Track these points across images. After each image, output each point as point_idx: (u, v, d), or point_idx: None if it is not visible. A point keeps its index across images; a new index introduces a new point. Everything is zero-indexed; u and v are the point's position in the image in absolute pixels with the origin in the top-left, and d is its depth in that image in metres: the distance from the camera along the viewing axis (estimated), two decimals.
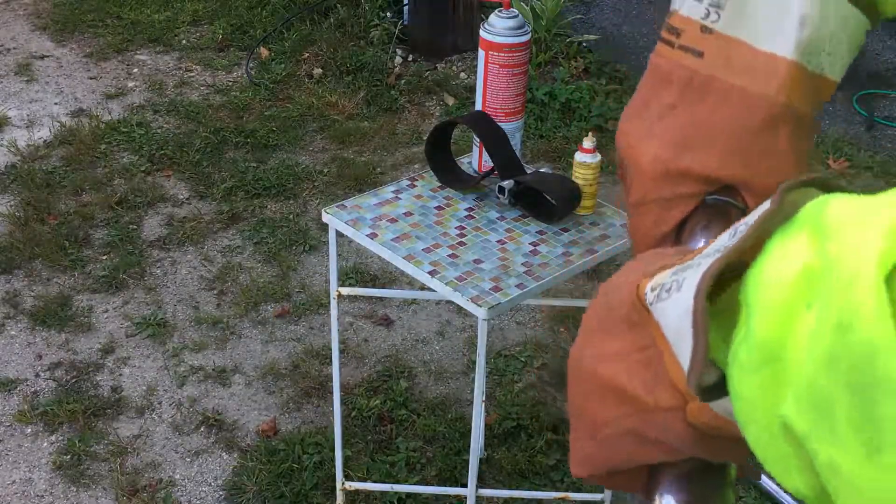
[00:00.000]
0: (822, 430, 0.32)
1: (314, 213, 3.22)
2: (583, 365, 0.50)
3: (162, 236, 3.12)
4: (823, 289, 0.32)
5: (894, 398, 0.29)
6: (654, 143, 0.61)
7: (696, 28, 0.58)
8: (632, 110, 0.63)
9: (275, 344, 2.68)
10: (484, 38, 1.69)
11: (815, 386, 0.32)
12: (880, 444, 0.30)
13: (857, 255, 0.31)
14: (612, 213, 1.73)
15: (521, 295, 1.53)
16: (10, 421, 2.42)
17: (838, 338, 0.31)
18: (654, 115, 0.61)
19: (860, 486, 0.31)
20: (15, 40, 4.47)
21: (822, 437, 0.32)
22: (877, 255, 0.30)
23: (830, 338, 0.31)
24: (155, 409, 2.47)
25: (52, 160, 3.51)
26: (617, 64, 4.29)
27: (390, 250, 1.61)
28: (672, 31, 0.59)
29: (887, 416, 0.29)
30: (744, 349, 0.37)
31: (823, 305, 0.32)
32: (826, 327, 0.31)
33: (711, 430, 0.44)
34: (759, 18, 0.55)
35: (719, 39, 0.57)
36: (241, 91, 4.04)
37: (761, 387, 0.36)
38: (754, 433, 0.37)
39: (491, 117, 1.72)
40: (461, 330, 2.75)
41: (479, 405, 1.71)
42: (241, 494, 2.22)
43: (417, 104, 3.98)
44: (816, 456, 0.33)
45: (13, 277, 2.91)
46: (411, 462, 2.31)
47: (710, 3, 0.57)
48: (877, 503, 0.31)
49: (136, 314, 2.78)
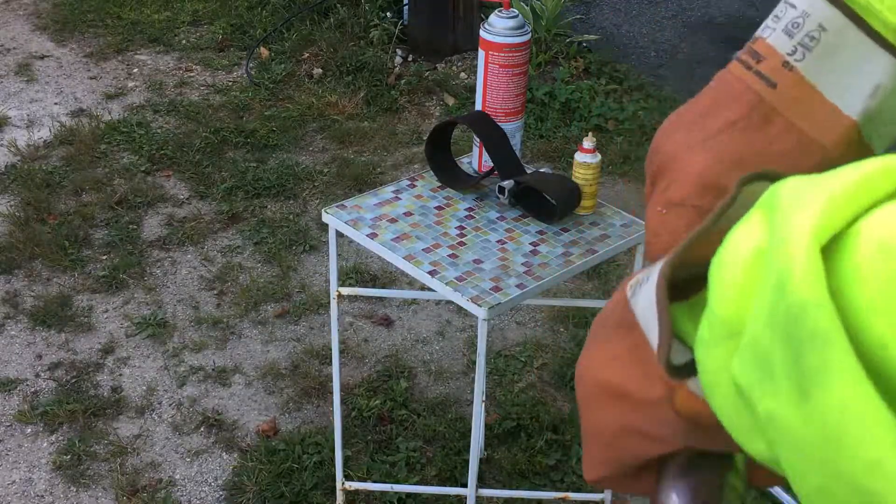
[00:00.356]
0: (763, 383, 0.35)
1: (314, 213, 3.22)
2: (585, 375, 0.52)
3: (162, 236, 3.12)
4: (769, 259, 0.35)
5: (819, 348, 0.32)
6: (708, 155, 0.62)
7: (778, 60, 0.59)
8: (685, 118, 0.64)
9: (275, 344, 2.68)
10: (484, 38, 1.69)
11: (758, 343, 0.35)
12: (808, 390, 0.32)
13: (794, 223, 0.34)
14: (612, 213, 1.73)
15: (521, 295, 1.53)
16: (10, 421, 2.42)
17: (776, 297, 0.34)
18: (712, 127, 0.62)
19: (793, 433, 0.33)
20: (15, 40, 4.47)
21: (763, 389, 0.35)
22: (812, 221, 0.34)
23: (770, 297, 0.34)
24: (155, 409, 2.47)
25: (52, 160, 3.52)
26: (617, 64, 4.29)
27: (390, 250, 1.61)
28: (753, 55, 0.60)
29: (813, 366, 0.32)
30: (705, 325, 0.40)
31: (767, 271, 0.35)
32: (767, 289, 0.35)
33: (701, 417, 0.45)
34: (839, 72, 0.56)
35: (797, 78, 0.58)
36: (241, 91, 4.04)
37: (722, 358, 0.38)
38: (718, 402, 0.40)
39: (491, 117, 1.72)
40: (461, 330, 2.75)
41: (479, 405, 1.71)
42: (241, 494, 2.22)
43: (417, 104, 3.98)
44: (757, 410, 0.35)
45: (13, 277, 2.91)
46: (411, 462, 2.31)
47: (800, 42, 0.58)
48: (807, 448, 0.33)
49: (136, 314, 2.78)
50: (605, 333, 0.51)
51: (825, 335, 0.32)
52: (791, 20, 0.57)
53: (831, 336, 0.32)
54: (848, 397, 0.31)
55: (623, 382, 0.49)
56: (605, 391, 0.50)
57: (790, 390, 0.33)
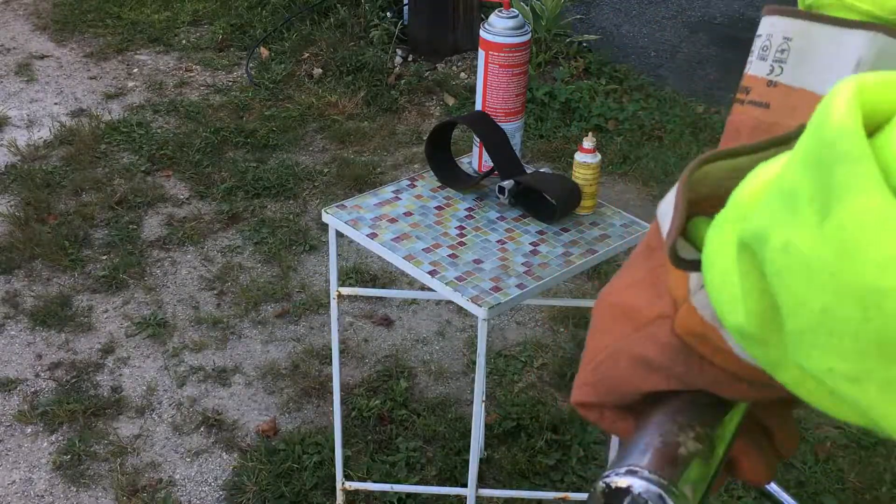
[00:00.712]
0: (784, 216, 0.36)
1: (314, 213, 3.22)
2: (601, 299, 0.54)
3: (162, 236, 3.12)
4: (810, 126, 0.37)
5: (847, 166, 0.33)
6: None
7: (762, 84, 0.61)
8: None
9: (275, 344, 2.68)
10: (484, 38, 1.69)
11: (786, 181, 0.36)
12: (829, 207, 0.34)
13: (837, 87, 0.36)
14: (612, 213, 1.73)
15: (521, 295, 1.53)
16: (10, 421, 2.42)
17: (814, 135, 0.35)
18: None
19: (806, 255, 0.34)
20: (15, 40, 4.47)
21: (783, 222, 0.36)
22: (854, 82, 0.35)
23: (808, 140, 0.36)
24: (155, 409, 2.47)
25: (52, 160, 3.52)
26: (617, 64, 4.29)
27: (390, 250, 1.61)
28: (743, 91, 0.63)
29: (839, 183, 0.33)
30: (722, 211, 0.41)
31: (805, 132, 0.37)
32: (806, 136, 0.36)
33: (697, 340, 0.46)
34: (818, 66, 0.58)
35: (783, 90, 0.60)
36: (241, 91, 4.04)
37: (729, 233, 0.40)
38: (712, 275, 0.41)
39: (491, 117, 1.72)
40: (461, 330, 2.75)
41: (479, 405, 1.71)
42: (241, 494, 2.22)
43: (417, 104, 3.98)
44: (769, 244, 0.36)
45: (13, 277, 2.91)
46: (411, 462, 2.31)
47: (773, 59, 0.60)
48: (818, 267, 0.34)
49: (136, 314, 2.78)
50: (632, 261, 0.52)
51: (855, 156, 0.33)
52: (760, 47, 0.59)
53: (860, 157, 0.33)
54: (869, 203, 0.33)
55: (634, 302, 0.50)
56: (615, 311, 0.51)
57: (811, 215, 0.34)
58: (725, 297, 0.40)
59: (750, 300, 0.39)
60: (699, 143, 3.72)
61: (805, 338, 0.35)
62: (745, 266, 0.39)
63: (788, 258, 0.35)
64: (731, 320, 0.40)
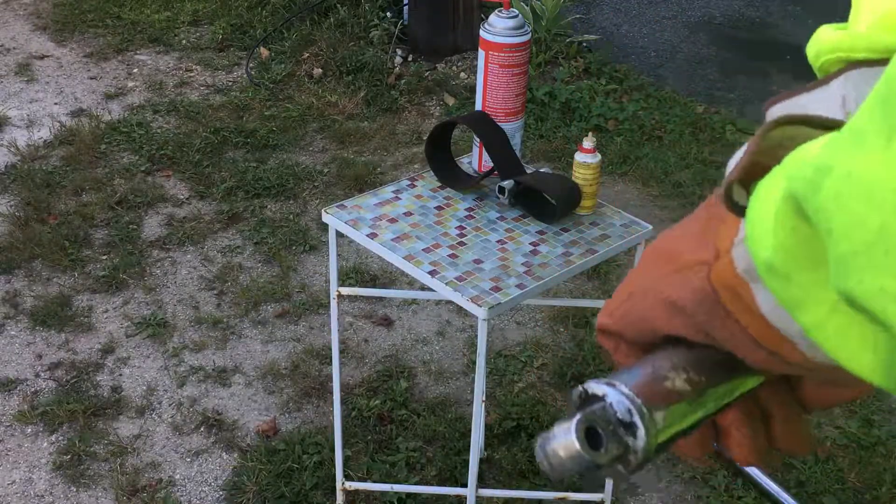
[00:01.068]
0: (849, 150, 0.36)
1: (314, 213, 3.22)
2: (651, 245, 0.54)
3: (162, 236, 3.12)
4: None
5: None
6: None
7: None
8: None
9: (275, 344, 2.68)
10: (484, 38, 1.69)
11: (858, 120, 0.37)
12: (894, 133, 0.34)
13: None
14: (612, 213, 1.73)
15: (521, 295, 1.53)
16: (10, 421, 2.42)
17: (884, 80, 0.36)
18: None
19: (868, 178, 0.35)
20: (15, 40, 4.47)
21: (848, 154, 0.36)
22: None
23: (879, 86, 0.36)
24: (155, 409, 2.47)
25: (52, 160, 3.52)
26: (617, 64, 4.29)
27: (390, 250, 1.61)
28: None
29: None
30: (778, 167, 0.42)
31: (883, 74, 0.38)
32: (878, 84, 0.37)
33: (727, 293, 0.46)
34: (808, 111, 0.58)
35: None
36: (241, 91, 4.04)
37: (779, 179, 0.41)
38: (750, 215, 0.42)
39: (491, 117, 1.72)
40: (461, 330, 2.75)
41: (479, 405, 1.71)
42: (241, 494, 2.22)
43: (417, 104, 3.98)
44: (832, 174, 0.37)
45: (13, 277, 2.91)
46: (411, 462, 2.31)
47: None
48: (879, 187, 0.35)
49: (136, 314, 2.78)
50: (688, 217, 0.53)
51: None
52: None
53: None
54: None
55: (678, 247, 0.50)
56: (658, 253, 0.52)
57: (876, 141, 0.35)
58: (757, 232, 0.41)
59: (780, 233, 0.40)
60: (699, 143, 3.72)
61: (857, 260, 0.35)
62: (785, 208, 0.40)
63: (850, 182, 0.36)
64: (760, 254, 0.41)
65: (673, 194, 3.40)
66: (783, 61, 4.51)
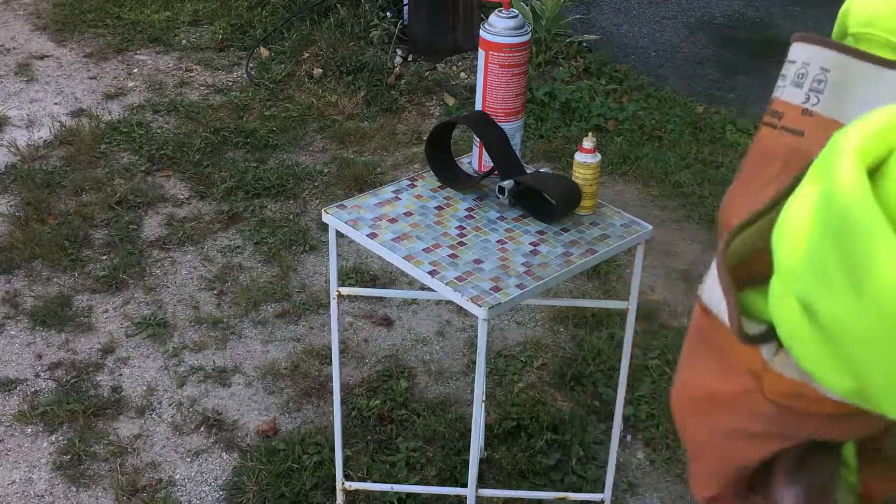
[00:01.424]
0: (821, 288, 0.37)
1: (314, 213, 3.22)
2: (678, 398, 0.56)
3: (162, 236, 3.12)
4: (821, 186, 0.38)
5: (865, 239, 0.35)
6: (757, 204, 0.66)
7: (797, 111, 0.62)
8: (736, 190, 0.69)
9: (275, 344, 2.68)
10: (484, 38, 1.69)
11: (814, 252, 0.38)
12: (860, 282, 0.35)
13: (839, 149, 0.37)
14: (612, 213, 1.73)
15: (521, 295, 1.53)
16: (10, 421, 2.42)
17: (825, 206, 0.37)
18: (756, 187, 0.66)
19: (855, 327, 0.36)
20: (15, 40, 4.47)
21: (823, 294, 0.37)
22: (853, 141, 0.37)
23: (820, 209, 0.37)
24: (155, 409, 2.47)
25: (52, 160, 3.52)
26: (617, 64, 4.29)
27: (390, 250, 1.61)
28: (774, 115, 0.64)
29: (862, 253, 0.35)
30: (775, 281, 0.42)
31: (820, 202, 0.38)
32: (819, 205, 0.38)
33: (792, 400, 0.47)
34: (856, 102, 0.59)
35: (819, 120, 0.61)
36: (241, 91, 4.04)
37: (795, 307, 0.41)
38: (798, 347, 0.42)
39: (491, 117, 1.72)
40: (461, 330, 2.75)
41: (479, 405, 1.71)
42: (241, 494, 2.22)
43: (417, 104, 3.98)
44: (820, 316, 0.37)
45: (13, 277, 2.91)
46: (411, 462, 2.31)
47: (810, 88, 0.61)
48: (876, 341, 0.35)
49: (136, 314, 2.78)
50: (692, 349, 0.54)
51: (869, 228, 0.34)
52: (795, 73, 0.60)
53: (874, 228, 0.34)
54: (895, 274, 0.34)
55: (708, 385, 0.51)
56: (697, 403, 0.53)
57: (845, 288, 0.36)
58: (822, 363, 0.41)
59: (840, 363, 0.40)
60: (699, 143, 3.72)
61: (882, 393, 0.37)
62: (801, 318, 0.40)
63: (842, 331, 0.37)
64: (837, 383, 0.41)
65: (673, 194, 3.40)
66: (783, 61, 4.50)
